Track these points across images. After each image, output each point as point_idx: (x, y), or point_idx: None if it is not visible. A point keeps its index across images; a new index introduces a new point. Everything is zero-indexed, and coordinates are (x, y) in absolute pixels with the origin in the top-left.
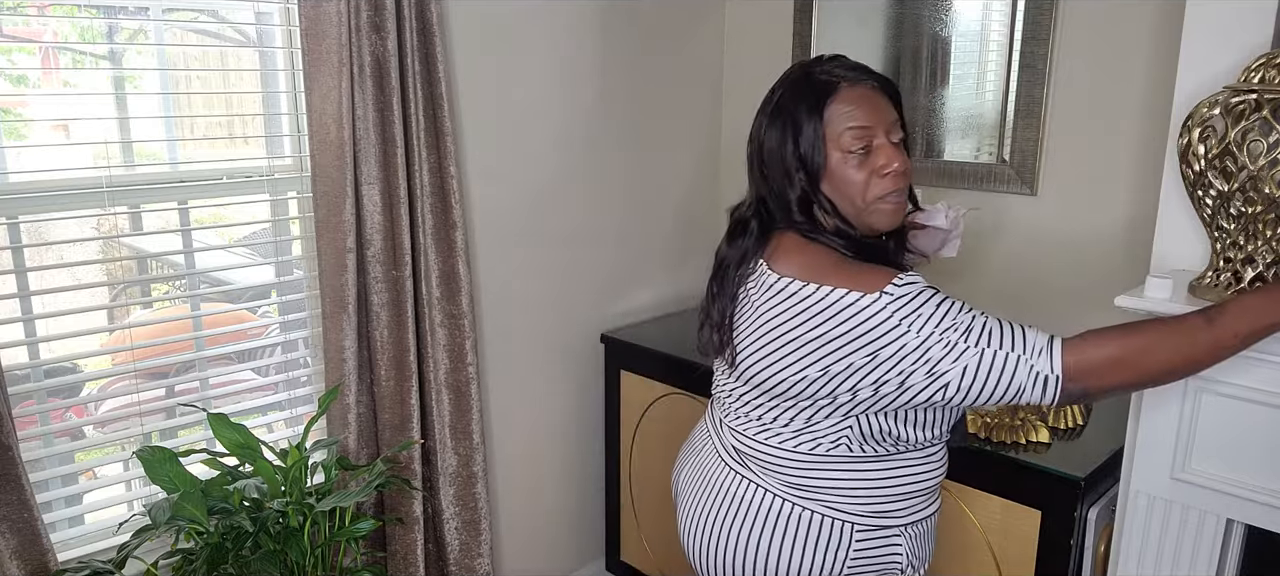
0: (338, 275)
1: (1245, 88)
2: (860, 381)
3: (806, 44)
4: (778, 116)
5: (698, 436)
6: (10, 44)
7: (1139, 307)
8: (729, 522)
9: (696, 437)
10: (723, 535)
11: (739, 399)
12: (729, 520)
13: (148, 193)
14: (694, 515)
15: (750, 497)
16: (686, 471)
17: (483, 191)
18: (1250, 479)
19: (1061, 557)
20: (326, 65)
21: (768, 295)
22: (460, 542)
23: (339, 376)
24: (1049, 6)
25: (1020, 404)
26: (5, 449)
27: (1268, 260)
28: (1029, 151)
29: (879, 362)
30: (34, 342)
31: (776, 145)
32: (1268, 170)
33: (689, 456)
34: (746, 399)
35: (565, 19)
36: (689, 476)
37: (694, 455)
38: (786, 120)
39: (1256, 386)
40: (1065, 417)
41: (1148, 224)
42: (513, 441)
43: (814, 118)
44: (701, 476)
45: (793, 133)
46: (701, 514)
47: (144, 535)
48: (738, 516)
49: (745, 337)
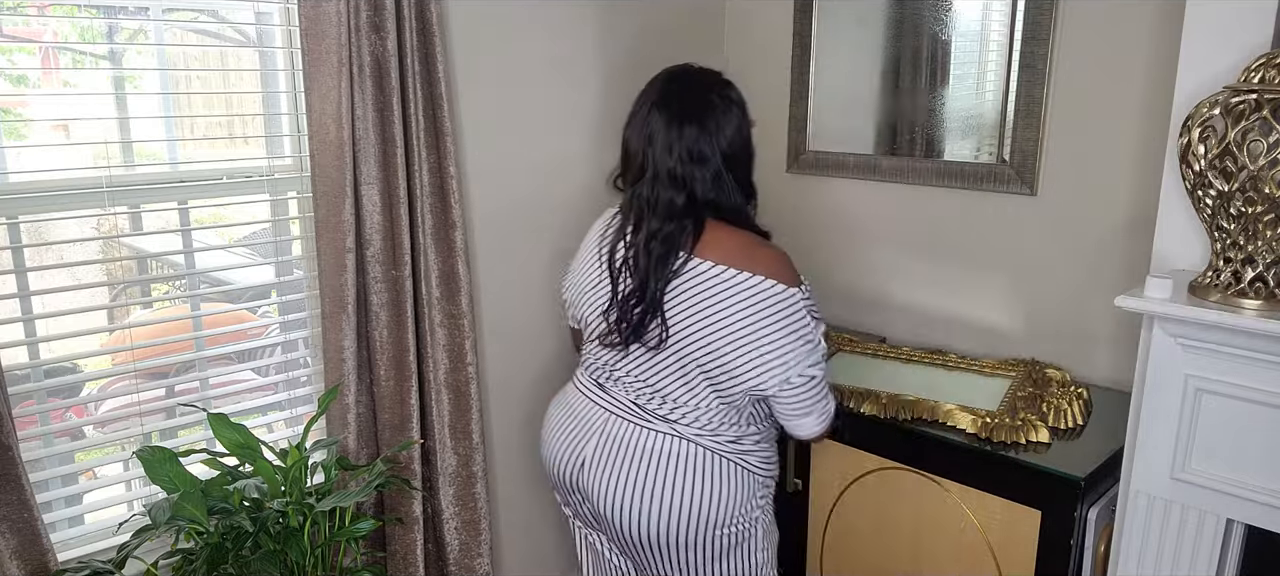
0: (337, 275)
1: (1245, 88)
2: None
3: (807, 44)
4: (745, 118)
5: (592, 413)
6: (10, 44)
7: (1139, 308)
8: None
9: (590, 414)
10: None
11: (660, 374)
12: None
13: (148, 193)
14: (633, 478)
15: (686, 454)
16: (601, 456)
17: (483, 191)
18: (1250, 479)
19: (1061, 557)
20: (326, 65)
21: (704, 282)
22: (460, 542)
23: (339, 376)
24: (1049, 6)
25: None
26: (5, 449)
27: (1268, 260)
28: (1029, 151)
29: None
30: (34, 342)
31: (743, 143)
32: (1268, 170)
33: (589, 434)
34: (670, 373)
35: (565, 19)
36: (623, 462)
37: (600, 432)
38: (747, 122)
39: (1256, 386)
40: (1065, 418)
41: (1148, 224)
42: (512, 441)
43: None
44: (650, 456)
45: (749, 133)
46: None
47: (144, 535)
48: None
49: (682, 319)
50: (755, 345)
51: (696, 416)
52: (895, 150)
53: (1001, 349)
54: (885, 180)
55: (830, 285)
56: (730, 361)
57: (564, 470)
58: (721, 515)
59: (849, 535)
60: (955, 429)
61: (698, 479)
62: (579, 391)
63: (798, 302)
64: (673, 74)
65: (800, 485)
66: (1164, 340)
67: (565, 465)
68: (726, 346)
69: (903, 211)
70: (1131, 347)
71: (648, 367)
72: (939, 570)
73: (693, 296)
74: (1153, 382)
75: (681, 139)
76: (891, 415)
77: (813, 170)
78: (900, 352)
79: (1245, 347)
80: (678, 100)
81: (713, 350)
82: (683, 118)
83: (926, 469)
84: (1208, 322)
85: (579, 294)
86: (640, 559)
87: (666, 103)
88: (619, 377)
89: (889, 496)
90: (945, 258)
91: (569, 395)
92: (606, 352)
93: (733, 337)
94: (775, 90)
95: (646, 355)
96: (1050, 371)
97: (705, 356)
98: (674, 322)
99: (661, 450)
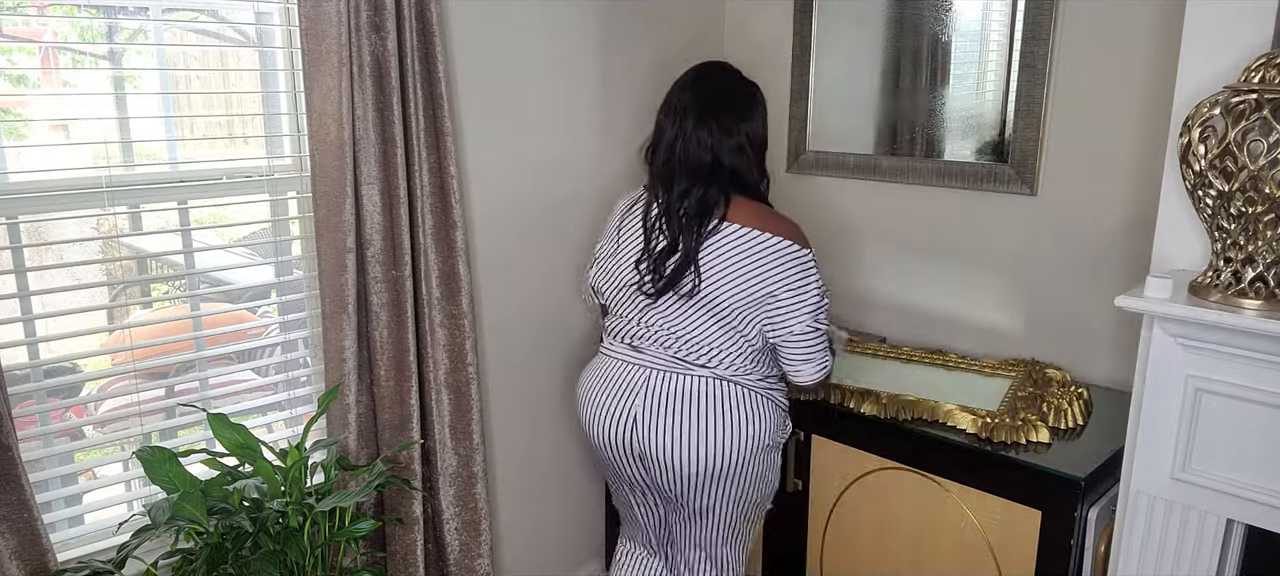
0: (337, 275)
1: (1245, 87)
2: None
3: (807, 44)
4: (765, 114)
5: (632, 375)
6: (10, 44)
7: (1139, 308)
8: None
9: (631, 376)
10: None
11: (693, 323)
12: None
13: (148, 193)
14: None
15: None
16: (652, 410)
17: (483, 191)
18: (1250, 479)
19: (1061, 557)
20: (326, 65)
21: (736, 241)
22: (460, 543)
23: (339, 376)
24: (1049, 6)
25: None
26: (5, 449)
27: (1268, 260)
28: (1029, 151)
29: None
30: (34, 342)
31: (763, 132)
32: (1268, 170)
33: (634, 393)
34: (701, 322)
35: (565, 19)
36: (673, 410)
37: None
38: (766, 117)
39: (1257, 386)
40: (1065, 418)
41: (1148, 224)
42: (513, 441)
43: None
44: (697, 400)
45: (766, 127)
46: (713, 421)
47: (144, 535)
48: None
49: (714, 273)
50: (775, 296)
51: (730, 360)
52: (895, 150)
53: (1002, 349)
54: (885, 180)
55: (829, 285)
56: (754, 310)
57: (613, 432)
58: (760, 443)
59: (849, 535)
60: (955, 429)
61: (741, 414)
62: (612, 358)
63: (810, 262)
64: (706, 66)
65: (800, 485)
66: (1164, 340)
67: (614, 427)
68: (751, 296)
69: (903, 211)
70: (1132, 348)
71: (680, 317)
72: (939, 570)
73: (725, 252)
74: (1153, 383)
75: (713, 116)
76: (892, 415)
77: (813, 170)
78: (901, 352)
79: (1245, 347)
80: (710, 84)
81: (739, 299)
82: (715, 101)
83: (926, 469)
84: (1208, 322)
85: (609, 258)
86: (684, 497)
87: (699, 87)
88: (653, 333)
89: (889, 496)
90: (945, 258)
91: (602, 365)
92: (637, 310)
93: (758, 289)
94: (775, 90)
95: (678, 304)
96: (1051, 371)
97: (732, 304)
98: (707, 274)
99: (705, 393)
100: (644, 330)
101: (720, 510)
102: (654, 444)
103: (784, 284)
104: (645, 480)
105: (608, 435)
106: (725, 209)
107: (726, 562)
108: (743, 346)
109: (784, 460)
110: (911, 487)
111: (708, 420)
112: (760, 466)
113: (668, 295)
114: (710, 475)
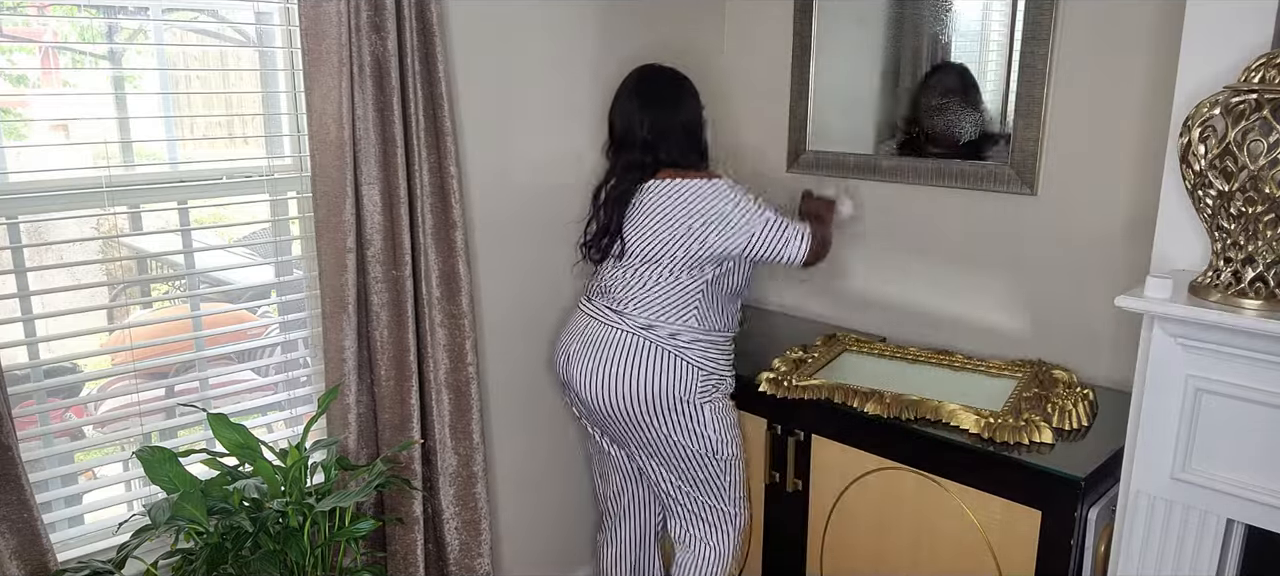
0: (338, 275)
1: (1245, 87)
2: (707, 233)
3: (807, 43)
4: (697, 102)
5: (579, 321)
6: (10, 44)
7: (1139, 308)
8: (629, 365)
9: (578, 322)
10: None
11: (620, 280)
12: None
13: (147, 193)
14: (593, 363)
15: (629, 343)
16: (578, 350)
17: (483, 191)
18: (1250, 479)
19: (1061, 557)
20: (326, 65)
21: (649, 198)
22: (460, 542)
23: (339, 376)
24: (1049, 6)
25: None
26: (5, 449)
27: (1268, 260)
28: (1029, 151)
29: (721, 222)
30: (34, 342)
31: (699, 116)
32: (1268, 170)
33: (574, 336)
34: (627, 279)
35: (565, 19)
36: (590, 352)
37: (581, 333)
38: (699, 105)
39: (1257, 386)
40: (1070, 419)
41: (1148, 224)
42: (513, 441)
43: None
44: (605, 345)
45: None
46: (614, 365)
47: (144, 535)
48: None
49: (637, 229)
50: (710, 222)
51: (656, 311)
52: (895, 150)
53: (1006, 349)
54: (885, 180)
55: (830, 285)
56: (683, 245)
57: (560, 366)
58: (667, 394)
59: (849, 535)
60: (959, 429)
61: (644, 364)
62: (578, 310)
63: (721, 186)
64: (643, 70)
65: (800, 485)
66: (1164, 340)
67: (561, 363)
68: (675, 234)
69: (903, 211)
70: (1133, 348)
71: (615, 276)
72: (939, 570)
73: (646, 208)
74: (1153, 383)
75: (648, 110)
76: (895, 415)
77: (813, 170)
78: (907, 353)
79: (1245, 347)
80: (649, 85)
81: (664, 240)
82: (651, 100)
83: (927, 469)
84: (1208, 322)
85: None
86: (615, 432)
87: (640, 90)
88: (601, 289)
89: (889, 496)
90: (945, 258)
91: (572, 315)
92: (594, 274)
93: (681, 225)
94: (775, 90)
95: (612, 265)
96: (1057, 372)
97: (657, 249)
98: (630, 235)
99: (613, 341)
100: (597, 288)
101: (652, 453)
102: (577, 376)
103: (712, 210)
104: (586, 413)
105: (558, 368)
106: (648, 178)
107: (695, 523)
108: (675, 294)
109: (784, 460)
110: (912, 487)
111: (611, 364)
112: (681, 419)
113: (607, 261)
114: (619, 413)
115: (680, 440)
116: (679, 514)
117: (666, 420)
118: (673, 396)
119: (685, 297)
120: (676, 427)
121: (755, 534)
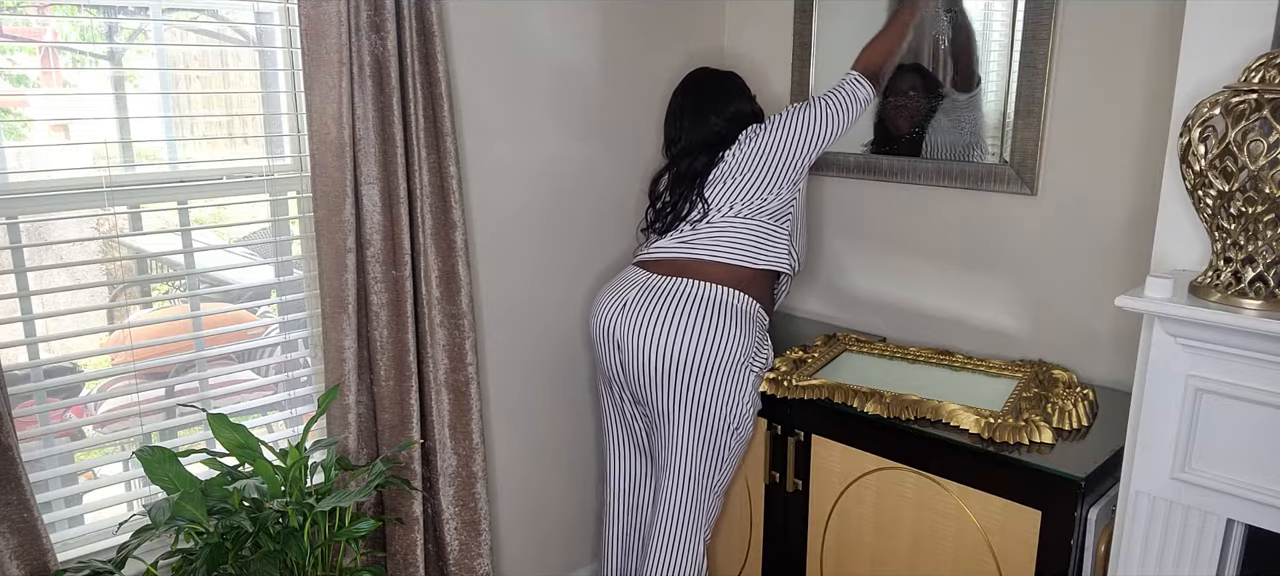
0: (337, 275)
1: (1246, 87)
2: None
3: (807, 43)
4: (748, 99)
5: (636, 274)
6: (10, 44)
7: (1139, 307)
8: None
9: (635, 275)
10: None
11: (695, 239)
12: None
13: (147, 193)
14: (671, 319)
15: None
16: (636, 299)
17: (483, 191)
18: (1250, 479)
19: (1061, 557)
20: (326, 65)
21: (729, 160)
22: (460, 542)
23: (339, 376)
24: (1049, 6)
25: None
26: (5, 449)
27: (1268, 260)
28: (1029, 151)
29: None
30: (34, 342)
31: (748, 106)
32: (1268, 170)
33: (633, 286)
34: (702, 234)
35: (565, 19)
36: (652, 302)
37: (643, 284)
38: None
39: (1257, 386)
40: (1070, 419)
41: (1148, 224)
42: (512, 441)
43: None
44: (675, 297)
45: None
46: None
47: (144, 535)
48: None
49: (719, 194)
50: (791, 144)
51: (718, 268)
52: (895, 150)
53: (1006, 349)
54: (885, 180)
55: (830, 285)
56: (767, 173)
57: (603, 322)
58: (726, 350)
59: (849, 535)
60: (959, 429)
61: (702, 316)
62: (633, 267)
63: (775, 118)
64: (693, 73)
65: (800, 485)
66: (1164, 340)
67: (607, 313)
68: (761, 164)
69: (903, 211)
70: (1133, 348)
71: (691, 237)
72: (939, 570)
73: (730, 170)
74: (1153, 383)
75: (705, 110)
76: (894, 415)
77: (813, 169)
78: (907, 353)
79: (1245, 347)
80: (700, 89)
81: (769, 177)
82: (704, 104)
83: (927, 469)
84: (1208, 322)
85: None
86: (647, 391)
87: (690, 91)
88: (668, 249)
89: (889, 496)
90: (946, 257)
91: (625, 271)
92: (649, 243)
93: (763, 154)
94: (775, 90)
95: (687, 229)
96: (1057, 372)
97: (756, 191)
98: (713, 197)
99: (684, 292)
100: (656, 245)
101: (682, 417)
102: (624, 330)
103: (791, 120)
104: (622, 376)
105: (601, 322)
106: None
107: (689, 495)
108: (761, 242)
109: (784, 460)
110: (912, 487)
111: (677, 316)
112: (724, 379)
113: (681, 225)
114: (670, 368)
115: (719, 404)
116: (666, 511)
117: (716, 378)
118: (730, 353)
119: (770, 245)
120: (721, 389)
121: (755, 534)
